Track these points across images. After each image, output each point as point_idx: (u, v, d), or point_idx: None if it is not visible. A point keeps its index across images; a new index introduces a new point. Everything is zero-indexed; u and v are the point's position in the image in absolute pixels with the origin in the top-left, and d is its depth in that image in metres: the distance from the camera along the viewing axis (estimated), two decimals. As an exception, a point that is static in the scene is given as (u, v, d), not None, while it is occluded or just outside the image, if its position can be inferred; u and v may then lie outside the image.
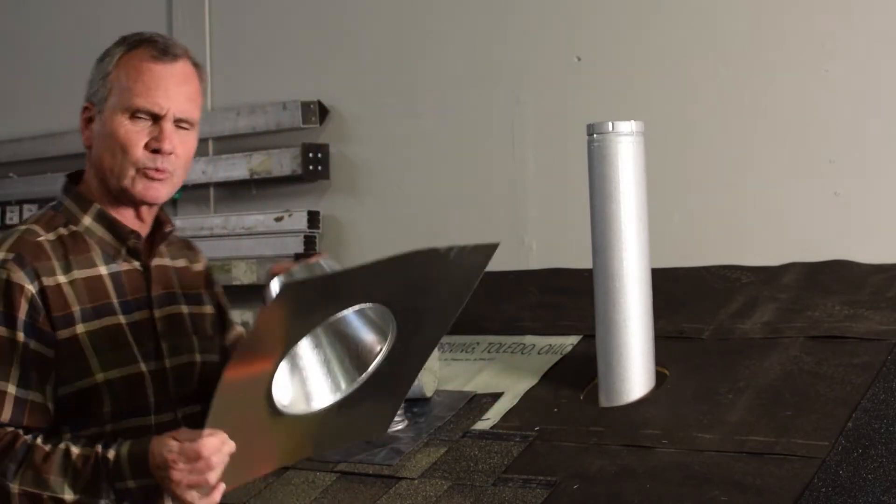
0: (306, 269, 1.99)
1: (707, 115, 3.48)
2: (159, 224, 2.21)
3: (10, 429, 1.98)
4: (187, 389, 2.20)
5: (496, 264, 3.74)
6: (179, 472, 1.88)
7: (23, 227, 2.10)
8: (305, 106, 4.22)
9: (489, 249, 2.02)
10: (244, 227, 4.35)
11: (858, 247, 3.18)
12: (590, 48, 3.71)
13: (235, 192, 4.48)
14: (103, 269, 2.11)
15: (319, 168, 4.21)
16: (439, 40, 4.03)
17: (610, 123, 2.77)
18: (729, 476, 2.39)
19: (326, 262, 1.99)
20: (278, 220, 4.26)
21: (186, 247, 2.35)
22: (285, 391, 1.96)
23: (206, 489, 1.89)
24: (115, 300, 2.10)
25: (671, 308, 3.06)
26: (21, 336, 2.00)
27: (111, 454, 1.94)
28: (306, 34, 4.32)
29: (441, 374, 3.08)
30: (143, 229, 2.18)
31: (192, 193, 4.47)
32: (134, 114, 2.08)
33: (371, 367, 2.02)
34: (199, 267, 2.34)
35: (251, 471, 2.06)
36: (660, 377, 2.83)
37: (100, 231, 2.12)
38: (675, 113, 3.51)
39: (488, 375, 3.07)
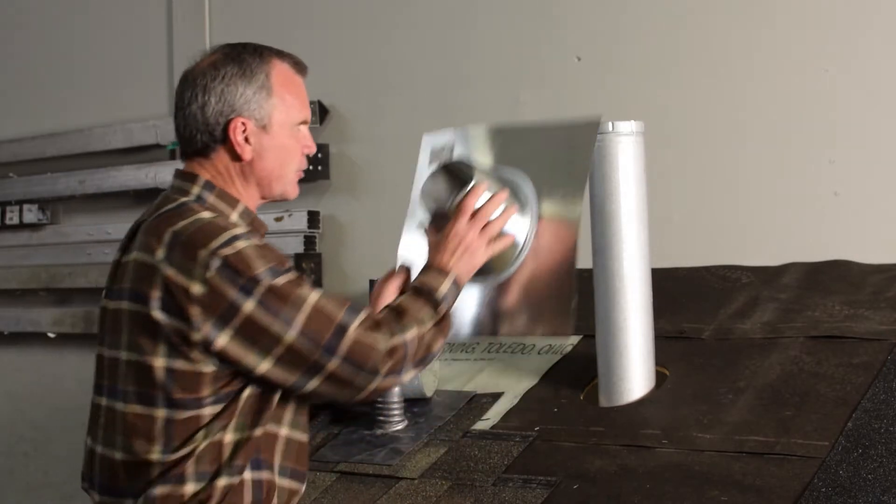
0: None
1: (707, 115, 3.48)
2: None
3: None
4: None
5: (496, 264, 3.78)
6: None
7: (206, 216, 2.22)
8: (305, 106, 4.22)
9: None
10: (244, 227, 4.35)
11: (858, 247, 3.18)
12: (590, 48, 3.70)
13: (236, 192, 4.47)
14: None
15: (319, 168, 4.21)
16: (439, 40, 4.03)
17: (610, 123, 2.77)
18: (729, 476, 2.39)
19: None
20: (278, 220, 4.26)
21: None
22: None
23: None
24: None
25: (671, 308, 3.06)
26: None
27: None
28: (306, 34, 4.32)
29: (441, 374, 3.08)
30: None
31: (192, 193, 4.46)
32: (300, 125, 2.35)
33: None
34: None
35: None
36: (660, 377, 2.83)
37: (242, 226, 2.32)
38: (675, 113, 3.50)
39: (488, 375, 3.07)
